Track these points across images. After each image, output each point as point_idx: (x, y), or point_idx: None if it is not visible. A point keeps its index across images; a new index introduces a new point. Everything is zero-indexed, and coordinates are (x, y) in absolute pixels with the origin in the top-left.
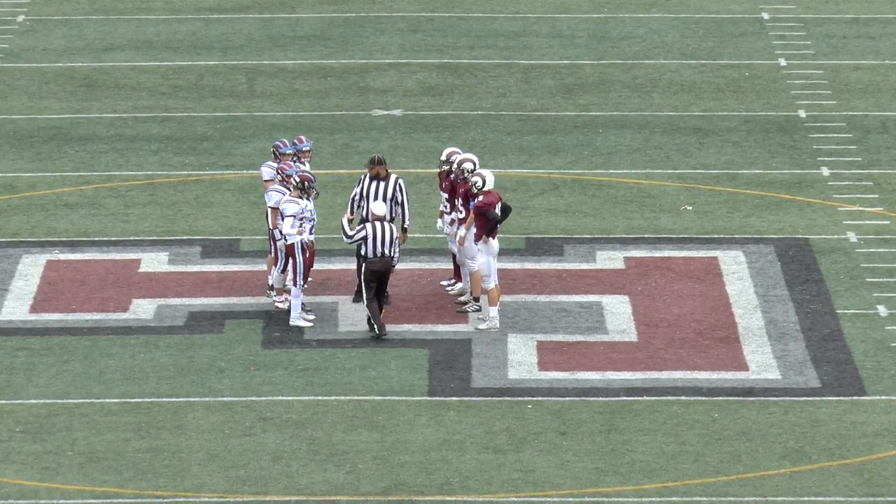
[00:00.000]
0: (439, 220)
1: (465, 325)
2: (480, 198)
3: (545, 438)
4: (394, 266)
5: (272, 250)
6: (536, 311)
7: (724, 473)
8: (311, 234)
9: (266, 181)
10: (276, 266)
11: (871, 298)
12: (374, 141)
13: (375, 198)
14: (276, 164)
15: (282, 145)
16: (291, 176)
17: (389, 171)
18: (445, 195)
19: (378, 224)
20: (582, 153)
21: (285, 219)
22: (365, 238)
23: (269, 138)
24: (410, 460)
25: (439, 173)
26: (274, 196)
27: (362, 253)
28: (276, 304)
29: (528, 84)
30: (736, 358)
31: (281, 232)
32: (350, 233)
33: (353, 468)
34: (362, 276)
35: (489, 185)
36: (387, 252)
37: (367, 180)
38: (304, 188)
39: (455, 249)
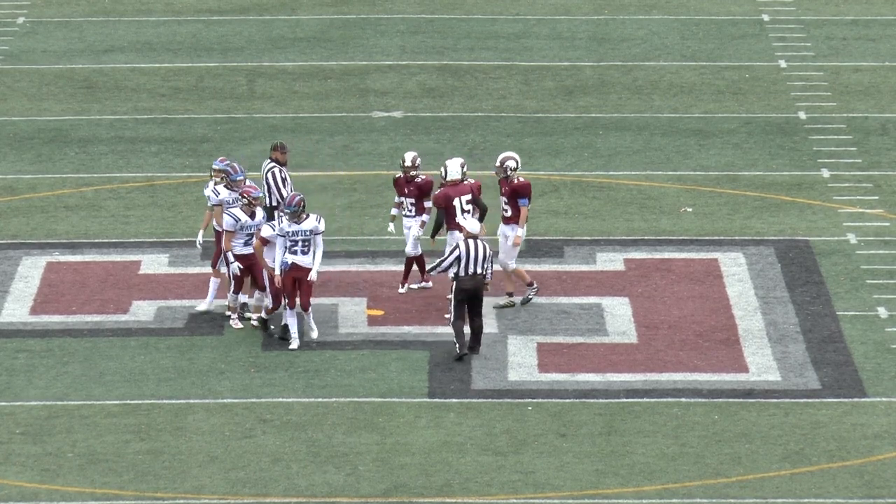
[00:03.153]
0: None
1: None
2: (517, 181)
3: (545, 440)
4: (487, 284)
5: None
6: (536, 313)
7: (724, 475)
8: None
9: (216, 206)
10: (230, 288)
11: (871, 300)
12: (375, 143)
13: (286, 185)
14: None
15: (233, 171)
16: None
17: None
18: (412, 199)
19: (471, 242)
20: (582, 155)
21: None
22: (458, 258)
23: (270, 140)
24: (410, 462)
25: (401, 178)
26: (228, 219)
27: (453, 272)
28: (240, 321)
29: (529, 86)
30: (736, 360)
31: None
32: (439, 259)
33: (353, 470)
34: (454, 295)
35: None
36: (479, 270)
37: (278, 168)
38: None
39: (412, 251)
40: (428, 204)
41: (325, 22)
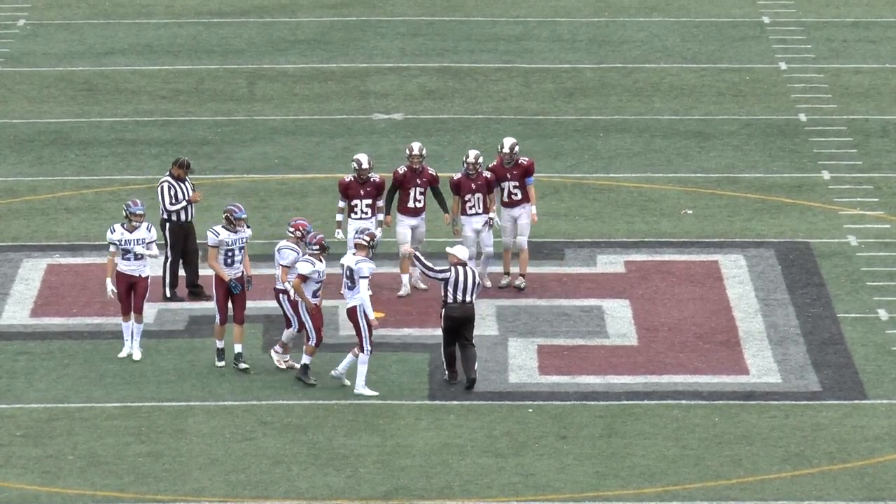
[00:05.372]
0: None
1: None
2: (523, 161)
3: (546, 442)
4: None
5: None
6: (537, 315)
7: (724, 477)
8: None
9: (213, 247)
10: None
11: (871, 302)
12: (375, 145)
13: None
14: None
15: (237, 210)
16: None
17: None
18: (368, 201)
19: (461, 268)
20: (582, 157)
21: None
22: (447, 281)
23: (270, 142)
24: (411, 464)
25: (353, 181)
26: (289, 255)
27: (441, 296)
28: (283, 362)
29: (529, 88)
30: (737, 362)
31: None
32: (437, 268)
33: (354, 472)
34: (442, 322)
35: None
36: (468, 298)
37: (168, 184)
38: (323, 249)
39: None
40: (380, 203)
41: (325, 24)
